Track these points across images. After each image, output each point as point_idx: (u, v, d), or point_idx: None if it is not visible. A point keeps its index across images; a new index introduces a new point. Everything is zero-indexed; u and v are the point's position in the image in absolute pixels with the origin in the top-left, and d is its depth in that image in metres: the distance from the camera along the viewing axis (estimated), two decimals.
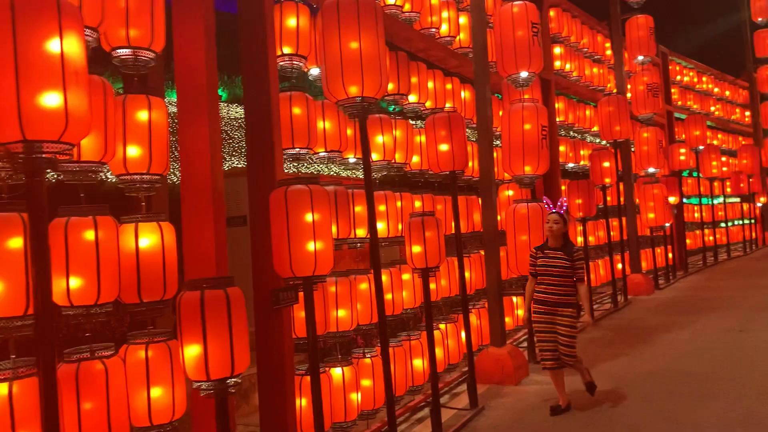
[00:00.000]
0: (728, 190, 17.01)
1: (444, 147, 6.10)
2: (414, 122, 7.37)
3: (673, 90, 16.10)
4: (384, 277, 5.69)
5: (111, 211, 3.27)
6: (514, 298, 8.23)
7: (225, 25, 4.70)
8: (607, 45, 12.59)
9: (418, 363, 6.07)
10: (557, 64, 10.67)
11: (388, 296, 5.74)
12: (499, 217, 7.48)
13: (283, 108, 4.76)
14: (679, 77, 16.62)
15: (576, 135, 12.34)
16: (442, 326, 6.68)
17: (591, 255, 10.70)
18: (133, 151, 3.43)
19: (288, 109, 4.80)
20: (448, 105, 7.26)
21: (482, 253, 7.30)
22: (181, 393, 3.49)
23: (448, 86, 7.25)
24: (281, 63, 4.96)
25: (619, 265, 11.36)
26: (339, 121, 5.24)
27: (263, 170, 4.42)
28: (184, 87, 3.97)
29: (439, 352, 6.43)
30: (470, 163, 7.59)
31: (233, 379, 3.09)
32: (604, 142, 11.87)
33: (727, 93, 19.27)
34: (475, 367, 6.72)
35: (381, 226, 5.79)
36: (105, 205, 3.17)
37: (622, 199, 11.66)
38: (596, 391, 5.88)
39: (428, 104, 6.87)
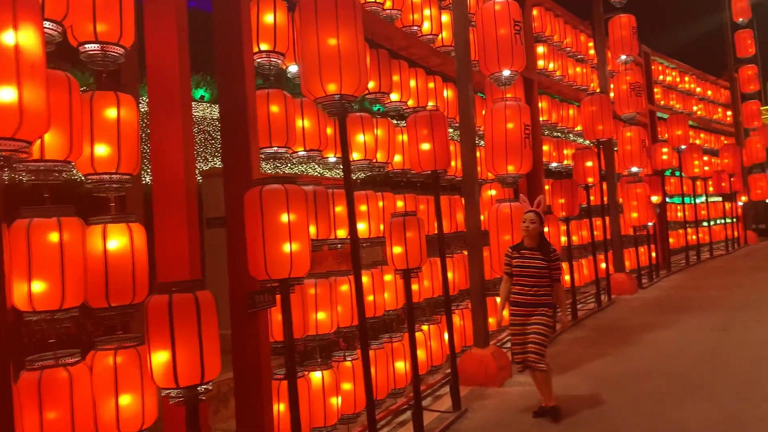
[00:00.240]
0: (710, 189, 17.10)
1: (426, 146, 6.01)
2: (397, 123, 7.27)
3: (655, 90, 16.16)
4: (365, 279, 5.60)
5: (85, 212, 3.16)
6: (498, 299, 8.15)
7: (207, 25, 4.59)
8: (590, 44, 12.58)
9: (401, 365, 5.97)
10: (540, 63, 10.64)
11: (370, 298, 5.65)
12: (482, 217, 7.41)
13: (260, 106, 4.65)
14: (661, 77, 16.69)
15: (559, 134, 12.32)
16: (425, 327, 6.60)
17: (575, 254, 10.68)
18: (101, 149, 3.31)
19: (265, 107, 4.69)
20: (430, 104, 7.18)
21: (465, 253, 7.23)
22: (152, 400, 3.38)
23: (431, 85, 7.18)
24: (258, 60, 4.85)
25: (603, 265, 11.35)
26: (318, 119, 5.14)
27: (239, 170, 4.31)
28: (156, 85, 3.85)
29: (421, 353, 6.34)
30: (453, 163, 7.52)
31: (204, 386, 2.98)
32: (587, 142, 11.87)
33: (709, 93, 19.39)
34: (458, 368, 6.64)
35: (362, 226, 5.70)
36: (70, 206, 3.05)
37: (605, 198, 11.65)
38: (581, 392, 5.82)
39: (410, 103, 6.78)
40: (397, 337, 5.99)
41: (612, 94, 11.86)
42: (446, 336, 6.34)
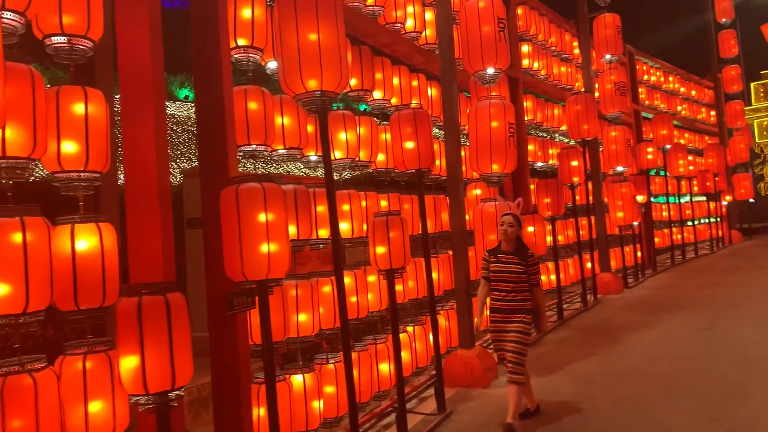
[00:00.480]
0: (695, 188, 17.16)
1: (409, 144, 5.92)
2: (381, 122, 7.18)
3: (640, 89, 16.19)
4: (348, 279, 5.50)
5: (56, 212, 3.03)
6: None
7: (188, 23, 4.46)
8: (575, 44, 12.56)
9: (385, 367, 5.87)
10: (525, 62, 10.59)
11: (353, 299, 5.54)
12: (467, 217, 7.34)
13: (237, 103, 4.53)
14: (646, 77, 16.72)
15: (544, 134, 12.29)
16: (409, 329, 6.50)
17: (561, 254, 10.63)
18: (69, 146, 3.18)
19: (243, 103, 4.57)
20: (414, 102, 7.08)
21: (450, 253, 7.14)
22: (124, 406, 3.25)
23: (414, 83, 7.08)
24: (236, 55, 4.73)
25: (589, 264, 11.32)
26: (299, 116, 5.02)
27: (216, 168, 4.19)
28: (128, 81, 3.72)
29: (406, 355, 6.25)
30: (437, 162, 7.44)
31: (175, 392, 2.86)
32: (572, 141, 11.84)
33: (693, 93, 19.48)
34: (444, 370, 6.56)
35: (345, 226, 5.59)
36: (35, 205, 2.91)
37: (590, 198, 11.62)
38: (567, 393, 5.74)
39: (394, 101, 6.69)
40: (381, 339, 5.89)
41: (597, 94, 11.84)
42: (431, 337, 6.25)
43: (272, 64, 5.13)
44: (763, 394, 5.53)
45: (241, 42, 4.68)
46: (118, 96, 3.93)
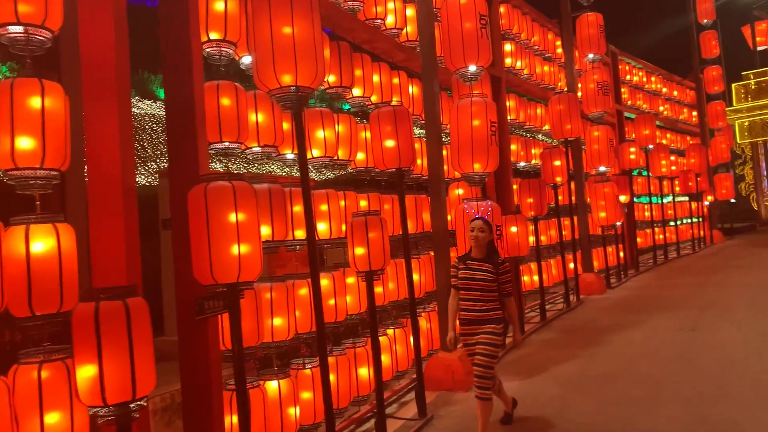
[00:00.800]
0: (677, 189, 17.20)
1: (390, 143, 5.78)
2: (362, 121, 7.03)
3: (623, 89, 16.19)
4: (326, 282, 5.35)
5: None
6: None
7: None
8: (558, 43, 12.50)
9: (364, 372, 5.72)
10: (508, 61, 10.50)
11: (331, 302, 5.38)
12: (449, 217, 7.21)
13: (209, 98, 4.36)
14: (628, 77, 16.73)
15: (527, 134, 12.20)
16: (390, 331, 6.37)
17: (543, 254, 10.56)
18: (24, 142, 2.99)
19: (215, 99, 4.40)
20: (395, 100, 6.94)
21: (432, 253, 7.01)
22: (83, 418, 3.07)
23: (395, 80, 6.94)
24: (208, 49, 4.55)
25: (572, 265, 11.26)
26: (273, 113, 4.86)
27: (185, 166, 4.02)
28: (91, 76, 3.53)
29: (386, 358, 6.11)
30: (419, 161, 7.31)
31: (137, 403, 2.69)
32: (555, 141, 11.77)
33: (675, 93, 19.54)
34: (425, 373, 6.43)
35: (323, 227, 5.44)
36: None
37: (573, 198, 11.55)
38: (549, 397, 5.62)
39: (374, 99, 6.54)
40: (360, 343, 5.75)
41: (580, 93, 11.78)
42: (412, 340, 6.11)
43: (247, 59, 4.96)
44: (750, 396, 5.46)
45: (214, 36, 4.51)
46: None
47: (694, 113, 20.72)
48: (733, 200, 20.91)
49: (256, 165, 15.25)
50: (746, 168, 29.61)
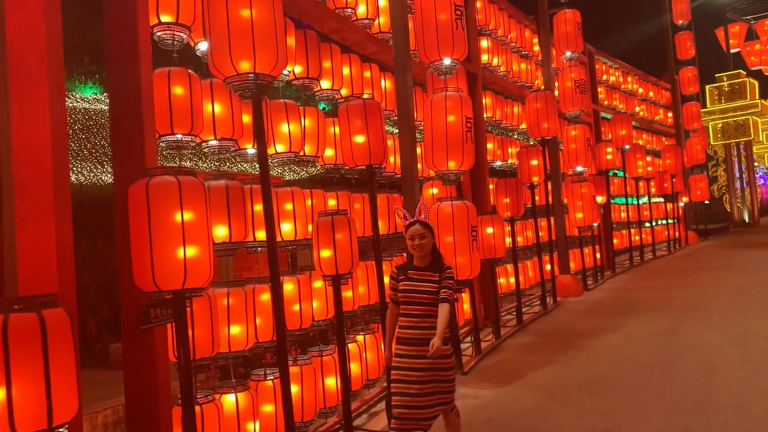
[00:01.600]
0: (653, 190, 17.13)
1: (359, 138, 5.45)
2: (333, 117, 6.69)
3: (599, 89, 16.06)
4: (290, 286, 5.00)
5: None
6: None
7: None
8: (535, 40, 12.28)
9: (332, 381, 5.38)
10: (484, 57, 10.23)
11: (296, 307, 5.03)
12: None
13: (159, 87, 3.99)
14: (605, 76, 16.61)
15: (503, 133, 11.95)
16: (360, 338, 6.03)
17: (519, 256, 10.30)
18: None
19: (166, 87, 4.03)
20: (366, 94, 6.61)
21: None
22: None
23: (366, 74, 6.61)
24: (159, 32, 4.18)
25: (548, 266, 11.03)
26: (231, 104, 4.49)
27: (130, 160, 3.65)
28: (18, 65, 3.14)
29: (356, 366, 5.77)
30: (391, 159, 7.00)
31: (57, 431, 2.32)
32: (531, 141, 11.55)
33: (651, 94, 19.51)
34: None
35: (287, 227, 5.09)
36: None
37: (550, 198, 11.31)
38: (526, 407, 5.33)
39: (344, 92, 6.20)
40: (327, 351, 5.40)
41: (556, 92, 11.56)
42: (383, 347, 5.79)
43: (203, 45, 4.59)
44: (733, 403, 5.23)
45: (165, 18, 4.14)
46: None
47: (670, 114, 20.73)
48: (707, 201, 20.95)
49: (227, 164, 14.81)
50: (719, 170, 29.89)
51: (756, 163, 30.72)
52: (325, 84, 5.92)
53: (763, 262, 14.06)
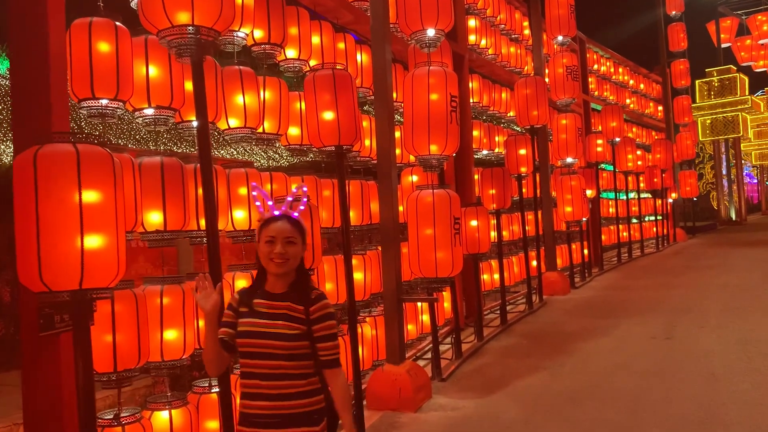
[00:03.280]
0: (642, 185, 16.59)
1: (328, 115, 4.78)
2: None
3: (590, 79, 15.47)
4: (243, 282, 4.32)
5: None
6: (419, 303, 7.03)
7: None
8: (525, 23, 11.62)
9: None
10: (472, 38, 9.56)
11: None
12: (401, 208, 6.24)
13: (78, 41, 3.29)
14: (596, 66, 16.01)
15: (491, 120, 11.28)
16: None
17: (505, 251, 9.68)
18: None
19: (85, 43, 3.31)
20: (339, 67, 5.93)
21: (380, 249, 6.04)
22: None
23: (340, 45, 5.91)
24: None
25: (534, 262, 10.44)
26: (171, 67, 3.77)
27: (31, 128, 2.95)
28: None
29: None
30: (368, 142, 6.33)
31: None
32: (520, 129, 10.92)
33: (642, 86, 18.96)
34: (368, 390, 5.51)
35: (241, 214, 4.41)
36: None
37: (538, 190, 10.68)
38: (510, 420, 4.73)
39: (313, 63, 5.50)
40: None
41: (547, 80, 10.92)
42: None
43: None
44: (741, 420, 4.67)
45: None
46: None
47: (660, 108, 20.21)
48: (695, 198, 20.51)
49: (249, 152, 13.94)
50: (707, 166, 29.57)
51: (743, 161, 30.42)
52: (291, 53, 5.22)
53: (755, 261, 13.59)
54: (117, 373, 3.29)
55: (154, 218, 3.62)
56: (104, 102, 3.41)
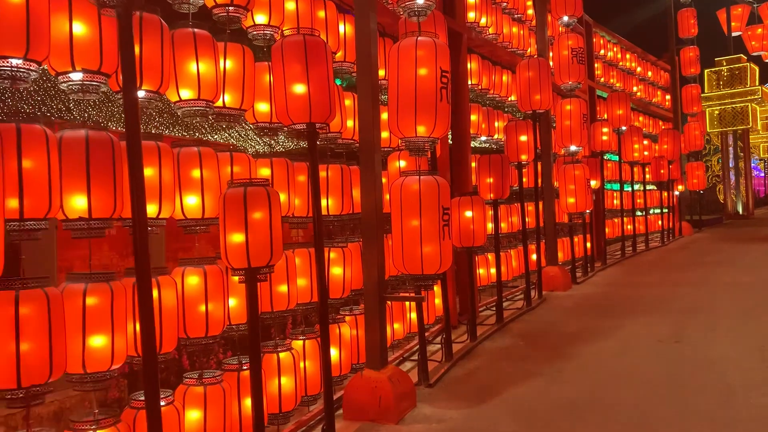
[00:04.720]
0: (648, 176, 15.94)
1: (298, 88, 4.18)
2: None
3: (596, 65, 14.79)
4: (195, 280, 3.76)
5: None
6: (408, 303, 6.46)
7: None
8: (529, 3, 10.95)
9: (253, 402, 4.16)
10: (471, 15, 8.91)
11: (201, 308, 3.78)
12: (386, 196, 5.65)
13: None
14: (603, 51, 15.32)
15: (490, 104, 10.63)
16: (298, 344, 4.82)
17: (502, 244, 9.10)
18: None
19: None
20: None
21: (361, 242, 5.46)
22: None
23: (320, 13, 5.29)
24: None
25: (534, 256, 9.85)
26: (100, 23, 3.16)
27: None
28: None
29: (288, 381, 4.55)
30: (351, 123, 5.73)
31: None
32: (521, 114, 10.28)
33: (650, 74, 18.25)
34: (345, 397, 4.97)
35: (193, 200, 3.84)
36: None
37: (539, 180, 10.06)
38: None
39: (287, 32, 4.88)
40: (247, 363, 4.17)
41: (551, 63, 10.27)
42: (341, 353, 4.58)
43: None
44: None
45: None
46: None
47: (668, 97, 19.50)
48: (701, 191, 19.84)
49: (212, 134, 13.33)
50: (713, 159, 28.87)
51: (751, 153, 29.71)
52: (260, 19, 4.60)
53: (766, 258, 12.98)
54: (23, 389, 2.72)
55: (78, 203, 3.04)
56: (15, 62, 2.81)
